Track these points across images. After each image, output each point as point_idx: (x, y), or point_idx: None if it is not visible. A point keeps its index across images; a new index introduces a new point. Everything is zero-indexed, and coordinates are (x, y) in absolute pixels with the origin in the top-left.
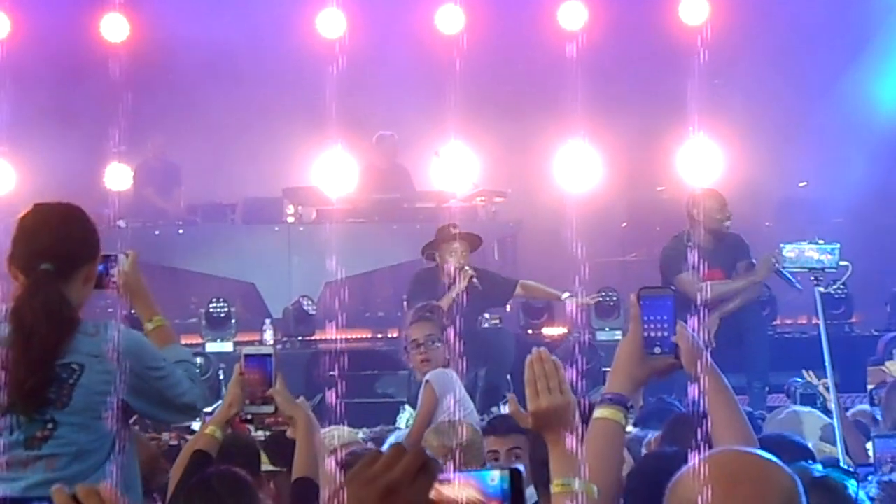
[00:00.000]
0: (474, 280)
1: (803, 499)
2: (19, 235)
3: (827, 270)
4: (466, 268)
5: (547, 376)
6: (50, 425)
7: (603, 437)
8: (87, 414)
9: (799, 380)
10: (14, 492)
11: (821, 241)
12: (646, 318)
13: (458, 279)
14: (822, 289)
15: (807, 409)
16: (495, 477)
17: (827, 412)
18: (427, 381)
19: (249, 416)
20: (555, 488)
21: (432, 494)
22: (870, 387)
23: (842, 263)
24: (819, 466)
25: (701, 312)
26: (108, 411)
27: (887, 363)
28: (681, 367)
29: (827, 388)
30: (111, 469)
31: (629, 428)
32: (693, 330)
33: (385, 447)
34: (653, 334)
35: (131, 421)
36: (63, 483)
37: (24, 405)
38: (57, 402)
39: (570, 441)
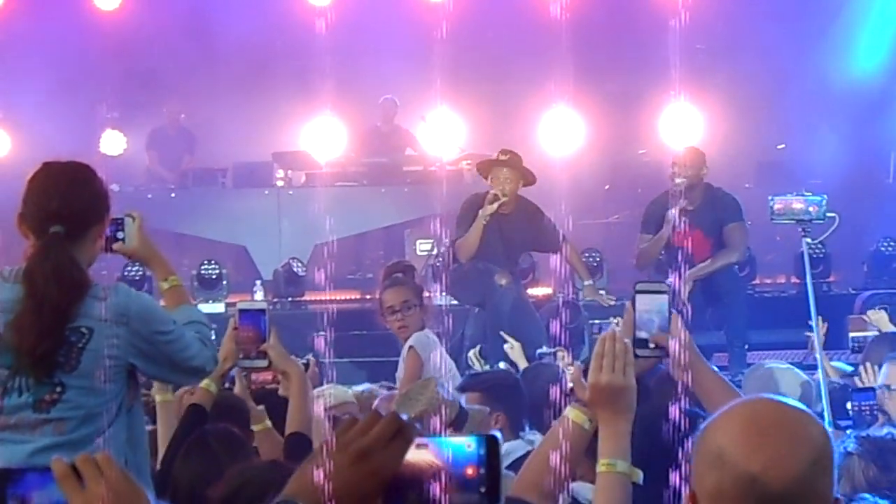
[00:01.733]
0: (500, 207)
1: (834, 454)
2: (29, 195)
3: (815, 221)
4: (497, 192)
5: (615, 355)
6: (58, 388)
7: (566, 438)
8: (96, 377)
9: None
10: (22, 455)
11: (808, 193)
12: (640, 315)
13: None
14: (809, 240)
15: (784, 365)
16: (472, 443)
17: (806, 367)
18: (410, 347)
19: (229, 387)
20: (600, 467)
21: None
22: (851, 334)
23: (829, 214)
24: None
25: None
26: (117, 374)
27: (868, 312)
28: (662, 360)
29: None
30: (118, 431)
31: None
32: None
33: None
34: (646, 330)
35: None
36: (70, 446)
37: (35, 369)
38: (66, 365)
39: (623, 424)
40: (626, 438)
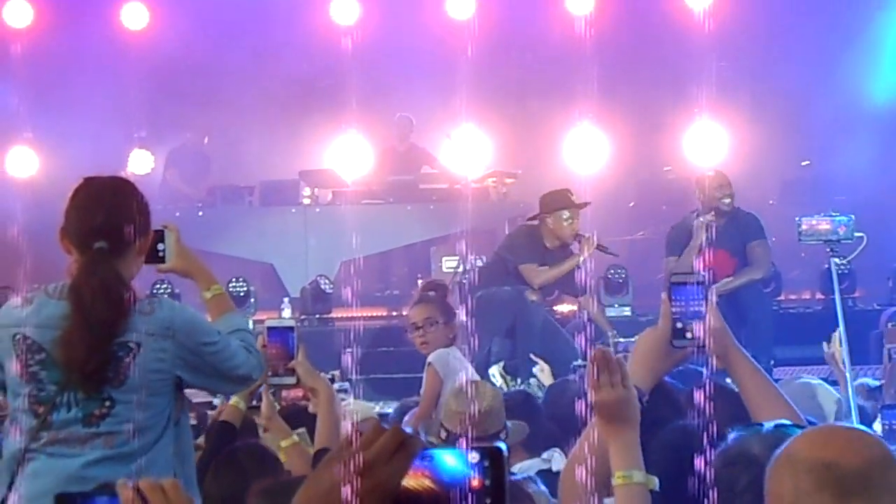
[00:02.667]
0: (601, 246)
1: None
2: (72, 210)
3: (843, 241)
4: (587, 234)
5: (610, 372)
6: (108, 403)
7: (593, 454)
8: (144, 391)
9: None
10: (73, 468)
11: (835, 213)
12: (677, 303)
13: (581, 247)
14: (837, 260)
15: (816, 380)
16: (476, 455)
17: (830, 382)
18: (429, 364)
19: (256, 404)
20: (616, 480)
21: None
22: (887, 346)
23: (857, 234)
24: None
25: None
26: (164, 388)
27: None
28: (700, 350)
29: (833, 356)
30: (166, 444)
31: None
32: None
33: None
34: (683, 319)
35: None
36: (120, 459)
37: (84, 384)
38: (114, 380)
39: (631, 434)
40: (637, 447)
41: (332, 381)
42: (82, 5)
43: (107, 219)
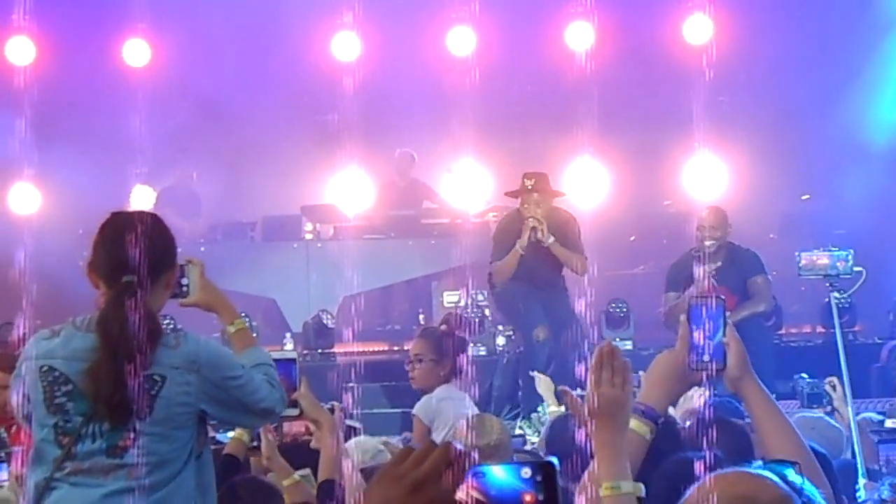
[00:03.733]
0: (538, 233)
1: None
2: (99, 244)
3: (842, 276)
4: (531, 219)
5: (614, 369)
6: (132, 435)
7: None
8: (168, 424)
9: (805, 375)
10: (95, 497)
11: (834, 248)
12: (695, 326)
13: (523, 233)
14: (836, 294)
15: (817, 414)
16: (528, 470)
17: (831, 414)
18: (413, 415)
19: (256, 444)
20: (604, 491)
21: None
22: None
23: (856, 269)
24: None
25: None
26: (188, 421)
27: None
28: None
29: (833, 388)
30: (188, 477)
31: None
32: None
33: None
34: (702, 341)
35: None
36: (142, 490)
37: (111, 416)
38: (140, 412)
39: (619, 440)
40: (625, 456)
41: (333, 411)
42: (84, 42)
43: (135, 253)
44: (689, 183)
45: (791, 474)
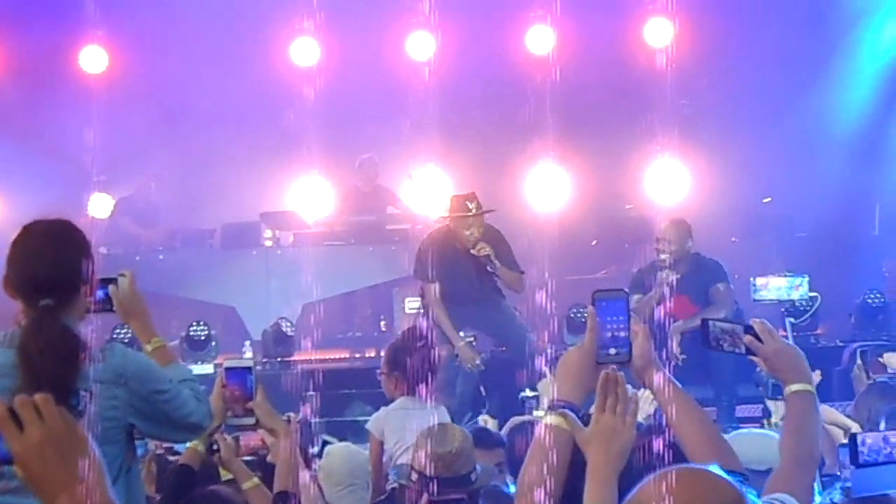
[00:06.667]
0: (491, 259)
1: None
2: (13, 260)
3: (797, 302)
4: (481, 248)
5: (618, 398)
6: None
7: (554, 445)
8: (97, 439)
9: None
10: None
11: (789, 273)
12: (601, 320)
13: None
14: (792, 319)
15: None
16: None
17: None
18: (367, 430)
19: (215, 447)
20: None
21: None
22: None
23: (811, 294)
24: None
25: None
26: (117, 436)
27: (885, 354)
28: (626, 364)
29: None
30: (118, 493)
31: None
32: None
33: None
34: (609, 335)
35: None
36: None
37: None
38: None
39: (610, 472)
40: (614, 487)
41: (289, 421)
42: (41, 48)
43: (51, 273)
44: (651, 187)
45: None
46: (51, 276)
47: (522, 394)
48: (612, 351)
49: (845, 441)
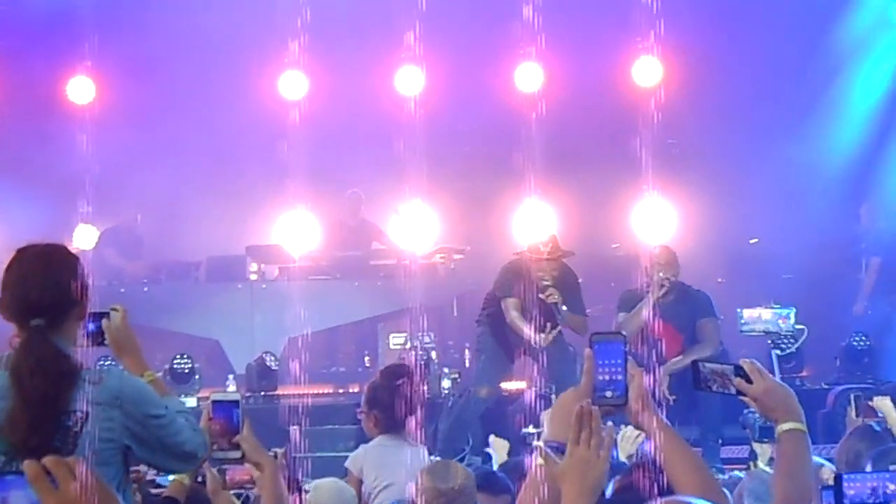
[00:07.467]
0: (557, 306)
1: None
2: (6, 284)
3: (783, 334)
4: (550, 294)
5: (592, 431)
6: None
7: (542, 481)
8: (92, 460)
9: (754, 410)
10: None
11: (776, 305)
12: (599, 363)
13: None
14: (778, 351)
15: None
16: None
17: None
18: (346, 468)
19: (200, 480)
20: None
21: None
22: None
23: (797, 327)
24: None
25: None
26: (113, 457)
27: (875, 399)
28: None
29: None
30: None
31: None
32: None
33: None
34: (605, 377)
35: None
36: None
37: (30, 458)
38: (62, 450)
39: (586, 502)
40: None
41: (275, 457)
42: (28, 78)
43: (42, 294)
44: (638, 226)
45: None
46: (42, 297)
47: (524, 430)
48: (609, 393)
49: (829, 483)
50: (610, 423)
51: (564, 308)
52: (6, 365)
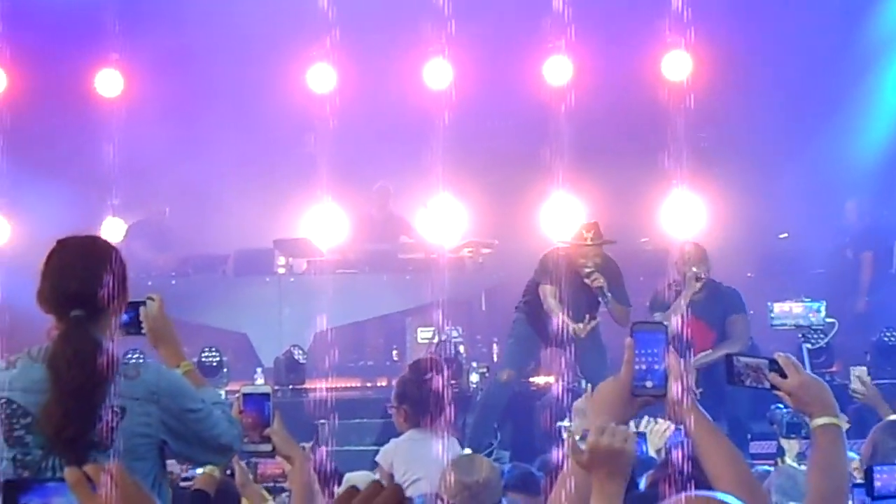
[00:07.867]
0: (603, 291)
1: None
2: (47, 274)
3: (814, 327)
4: (596, 281)
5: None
6: None
7: (584, 475)
8: (129, 455)
9: (781, 406)
10: None
11: (807, 300)
12: (638, 352)
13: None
14: (809, 345)
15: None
16: None
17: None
18: (376, 463)
19: (230, 473)
20: None
21: None
22: None
23: (828, 320)
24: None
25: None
26: (149, 452)
27: (852, 368)
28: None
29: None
30: None
31: None
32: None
33: None
34: (644, 367)
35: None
36: None
37: (66, 452)
38: (100, 444)
39: (615, 489)
40: (619, 502)
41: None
42: (57, 71)
43: (82, 285)
44: (667, 220)
45: None
46: (82, 289)
47: (560, 423)
48: (649, 384)
49: (859, 479)
50: (646, 418)
51: (609, 296)
52: (43, 358)
